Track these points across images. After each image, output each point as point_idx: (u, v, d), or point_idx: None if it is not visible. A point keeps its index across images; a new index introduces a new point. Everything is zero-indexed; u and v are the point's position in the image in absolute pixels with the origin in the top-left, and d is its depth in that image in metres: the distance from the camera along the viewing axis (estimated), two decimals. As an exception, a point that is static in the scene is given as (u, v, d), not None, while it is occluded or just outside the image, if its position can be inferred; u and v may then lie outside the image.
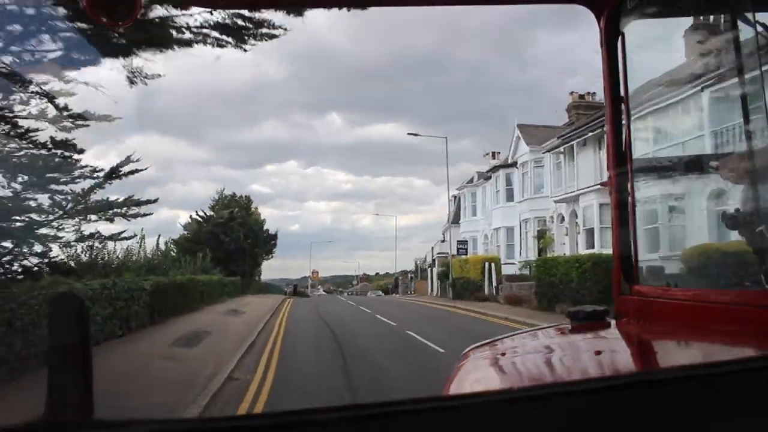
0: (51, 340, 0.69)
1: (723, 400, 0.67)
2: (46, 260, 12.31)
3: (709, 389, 0.67)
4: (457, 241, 37.29)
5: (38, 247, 12.19)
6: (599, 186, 23.02)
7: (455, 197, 46.63)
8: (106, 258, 17.06)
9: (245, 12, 2.76)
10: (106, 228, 15.95)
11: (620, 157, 1.92)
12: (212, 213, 47.33)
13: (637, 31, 1.88)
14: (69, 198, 12.38)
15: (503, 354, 1.56)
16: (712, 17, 1.90)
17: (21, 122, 12.33)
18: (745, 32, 1.73)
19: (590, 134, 25.28)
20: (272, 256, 53.35)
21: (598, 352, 1.46)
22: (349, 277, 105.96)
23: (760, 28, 1.67)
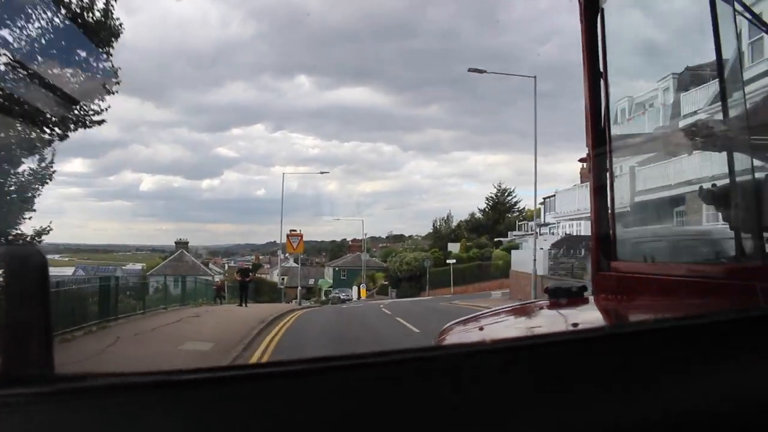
0: (10, 294, 0.67)
1: (701, 349, 0.67)
2: None
3: (687, 340, 0.67)
4: None
5: None
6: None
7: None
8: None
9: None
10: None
11: (599, 134, 1.92)
12: None
13: (616, 6, 1.88)
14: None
15: (481, 328, 1.56)
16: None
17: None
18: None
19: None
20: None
21: (576, 324, 1.46)
22: (320, 243, 77.49)
23: (738, 7, 1.68)
